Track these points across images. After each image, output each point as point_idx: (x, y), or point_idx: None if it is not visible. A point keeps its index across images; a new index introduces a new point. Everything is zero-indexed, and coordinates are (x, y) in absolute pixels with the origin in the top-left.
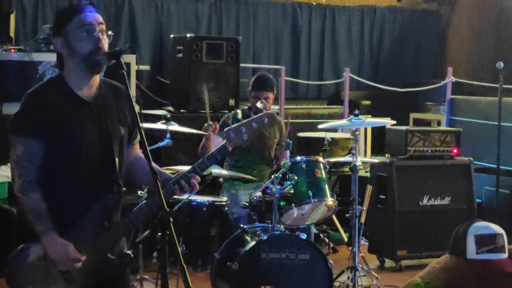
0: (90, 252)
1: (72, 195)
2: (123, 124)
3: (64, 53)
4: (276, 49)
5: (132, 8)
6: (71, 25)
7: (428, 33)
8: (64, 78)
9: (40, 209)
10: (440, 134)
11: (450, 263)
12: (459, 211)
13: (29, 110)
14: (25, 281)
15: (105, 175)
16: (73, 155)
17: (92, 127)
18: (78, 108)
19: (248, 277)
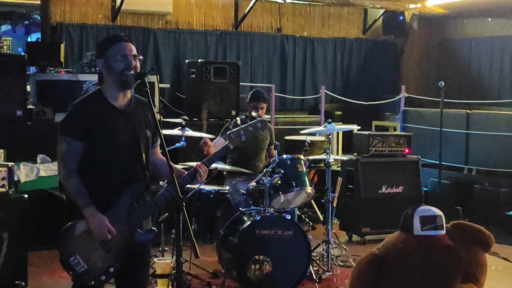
0: (123, 227)
1: (108, 183)
2: (148, 128)
3: (104, 71)
4: (268, 71)
5: (156, 39)
6: (111, 50)
7: (386, 59)
8: (102, 91)
9: (80, 189)
10: (395, 137)
11: (401, 237)
12: (410, 197)
13: (73, 116)
14: (73, 250)
15: (134, 167)
16: (109, 151)
17: (125, 129)
18: (113, 115)
19: (246, 249)
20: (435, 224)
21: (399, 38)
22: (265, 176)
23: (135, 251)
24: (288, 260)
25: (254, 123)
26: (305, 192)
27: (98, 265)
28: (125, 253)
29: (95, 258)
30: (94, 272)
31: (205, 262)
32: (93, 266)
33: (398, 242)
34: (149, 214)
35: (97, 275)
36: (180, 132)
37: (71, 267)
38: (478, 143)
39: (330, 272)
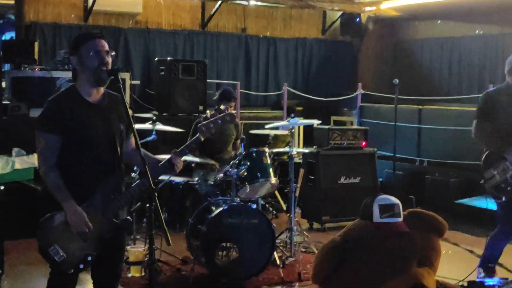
0: (100, 218)
1: (85, 175)
2: (121, 122)
3: (78, 68)
4: (234, 69)
5: (127, 38)
6: (84, 47)
7: (344, 58)
8: (76, 87)
9: (59, 184)
10: (353, 131)
11: (361, 224)
12: (366, 187)
13: (49, 111)
14: (52, 240)
15: (110, 160)
16: (86, 144)
17: (100, 123)
18: (87, 109)
19: (213, 236)
20: (393, 212)
21: (356, 39)
22: (232, 168)
23: (111, 240)
24: (254, 246)
25: (223, 116)
26: (270, 183)
27: (77, 254)
28: (102, 242)
29: (74, 248)
30: (72, 260)
31: (175, 249)
32: (71, 255)
33: (358, 229)
34: (124, 205)
35: (75, 263)
36: (151, 126)
37: (50, 256)
38: (429, 137)
39: (293, 257)
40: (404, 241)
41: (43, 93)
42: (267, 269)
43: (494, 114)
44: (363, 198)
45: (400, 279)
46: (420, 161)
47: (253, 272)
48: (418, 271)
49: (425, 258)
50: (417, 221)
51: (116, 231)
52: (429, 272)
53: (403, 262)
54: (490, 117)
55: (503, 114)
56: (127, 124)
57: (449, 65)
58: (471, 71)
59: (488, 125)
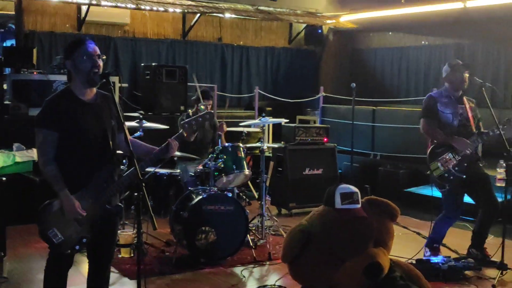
0: (94, 204)
1: (81, 167)
2: (113, 118)
3: (72, 71)
4: (211, 73)
5: (116, 46)
6: (77, 52)
7: (307, 64)
8: (71, 88)
9: (56, 175)
10: (316, 129)
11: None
12: (328, 177)
13: (47, 110)
14: (51, 224)
15: (103, 152)
16: (80, 139)
17: (93, 120)
18: (82, 108)
19: (194, 222)
20: (352, 199)
21: (318, 48)
22: (210, 160)
23: (104, 224)
24: (229, 230)
25: (203, 114)
26: (244, 174)
27: (73, 237)
28: (96, 226)
29: (70, 231)
30: (69, 242)
31: (159, 233)
32: (68, 238)
33: (322, 214)
34: (116, 192)
35: (72, 245)
36: (138, 124)
37: (49, 238)
38: (381, 134)
39: (264, 239)
40: (362, 224)
41: (41, 95)
42: (241, 250)
43: (435, 113)
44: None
45: (359, 258)
46: (374, 155)
47: (229, 253)
48: (374, 251)
49: (380, 240)
50: (373, 207)
51: (108, 216)
52: (384, 252)
53: (361, 243)
54: (434, 115)
55: (442, 113)
56: (118, 120)
57: (399, 71)
58: (417, 77)
59: (434, 122)
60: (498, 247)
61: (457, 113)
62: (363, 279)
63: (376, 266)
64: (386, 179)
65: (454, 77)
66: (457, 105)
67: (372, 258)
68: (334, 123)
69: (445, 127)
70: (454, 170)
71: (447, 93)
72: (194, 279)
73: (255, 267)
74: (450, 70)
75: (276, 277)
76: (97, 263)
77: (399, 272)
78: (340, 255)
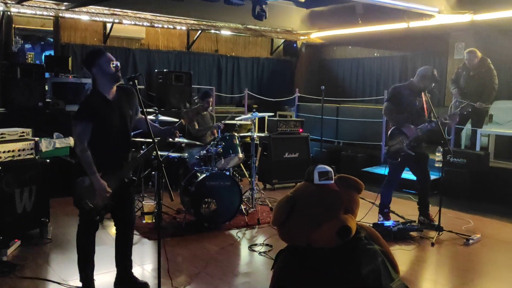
0: (115, 178)
1: (108, 151)
2: (130, 108)
3: (98, 74)
4: (209, 78)
5: (134, 56)
6: (101, 59)
7: (286, 71)
8: (99, 89)
9: (90, 161)
10: (293, 122)
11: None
12: (302, 160)
13: (84, 107)
14: (83, 196)
15: (123, 140)
16: (108, 130)
17: (117, 114)
18: (109, 104)
19: (199, 194)
20: (327, 176)
21: (293, 58)
22: (212, 147)
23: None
24: (227, 201)
25: (197, 107)
26: (238, 157)
27: (99, 204)
28: (117, 194)
29: (97, 200)
30: (97, 209)
31: (172, 204)
32: (96, 206)
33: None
34: (131, 168)
35: (99, 211)
36: (154, 117)
37: (82, 206)
38: (344, 126)
39: (254, 208)
40: (335, 196)
41: (75, 94)
42: (236, 216)
43: (398, 99)
44: (300, 167)
45: (332, 222)
46: (338, 142)
47: (226, 218)
48: (344, 216)
49: (349, 208)
50: (344, 182)
51: (126, 186)
52: (352, 218)
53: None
54: (395, 102)
55: (405, 102)
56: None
57: (356, 77)
58: (371, 82)
59: (393, 107)
60: (435, 214)
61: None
62: (336, 238)
63: (346, 229)
64: (347, 161)
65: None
66: (416, 96)
67: (342, 222)
68: (307, 117)
69: (406, 110)
70: (406, 147)
71: (410, 85)
72: (200, 239)
73: (247, 230)
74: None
75: (264, 237)
76: (121, 225)
77: (363, 233)
78: (318, 220)
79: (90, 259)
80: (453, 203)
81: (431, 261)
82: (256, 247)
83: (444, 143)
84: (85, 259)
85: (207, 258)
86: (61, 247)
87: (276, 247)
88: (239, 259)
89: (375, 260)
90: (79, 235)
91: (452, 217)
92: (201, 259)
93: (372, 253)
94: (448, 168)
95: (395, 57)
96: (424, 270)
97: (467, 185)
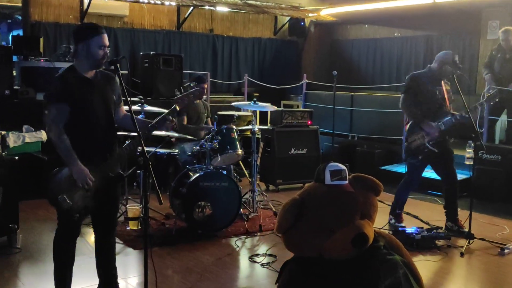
0: (98, 173)
1: (87, 137)
2: (113, 93)
3: (82, 53)
4: (203, 61)
5: (116, 36)
6: (94, 39)
7: (291, 54)
8: (75, 67)
9: (68, 146)
10: (301, 112)
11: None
12: (311, 157)
13: (58, 86)
14: (60, 190)
15: (106, 126)
16: (88, 113)
17: (97, 95)
18: (86, 84)
19: (192, 197)
20: (340, 176)
21: (301, 39)
22: (206, 141)
23: (107, 192)
24: (224, 205)
25: (193, 91)
26: (236, 153)
27: (80, 203)
28: (100, 192)
29: (77, 197)
30: (76, 207)
31: (160, 207)
32: (75, 203)
33: (313, 190)
34: (118, 162)
35: (79, 210)
36: (140, 108)
37: (59, 203)
38: (359, 117)
39: (255, 213)
40: (349, 199)
41: (47, 80)
42: (235, 222)
43: (416, 91)
44: (309, 166)
45: (347, 229)
46: (352, 136)
47: (223, 225)
48: (360, 222)
49: (366, 213)
50: (359, 183)
51: (110, 183)
52: (369, 223)
53: (348, 216)
54: (413, 92)
55: (423, 91)
56: (119, 94)
57: (374, 61)
58: (390, 65)
59: (410, 98)
60: (465, 219)
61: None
62: (351, 248)
63: (362, 236)
64: (363, 158)
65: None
66: (436, 86)
67: (358, 229)
68: (316, 108)
69: (426, 102)
70: (428, 144)
71: (430, 73)
72: (192, 248)
73: (248, 237)
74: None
75: (267, 246)
76: (103, 229)
77: (382, 241)
78: (330, 226)
79: (69, 269)
80: (485, 207)
81: (460, 273)
82: (257, 258)
83: (476, 137)
84: (63, 270)
85: (201, 270)
86: (32, 257)
87: (280, 258)
88: (238, 272)
89: (396, 272)
90: (56, 241)
91: (485, 222)
92: (194, 271)
93: (393, 264)
94: (480, 166)
95: (418, 38)
96: (452, 284)
97: (502, 186)
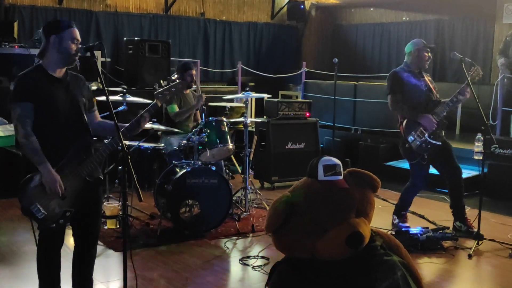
0: (74, 177)
1: (56, 140)
2: (83, 96)
3: (53, 48)
4: (194, 48)
5: (98, 20)
6: (66, 33)
7: (290, 40)
8: (43, 65)
9: (37, 147)
10: (298, 103)
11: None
12: (309, 152)
13: (21, 84)
14: (33, 199)
15: (77, 126)
16: (54, 113)
17: (65, 95)
18: (54, 83)
19: (178, 195)
20: (335, 171)
21: (300, 23)
22: (194, 134)
23: (87, 197)
24: (213, 203)
25: (175, 84)
26: (227, 148)
27: (56, 211)
28: (79, 199)
29: (53, 205)
30: (53, 217)
31: (144, 207)
32: (51, 212)
33: (305, 186)
34: (97, 164)
35: (56, 219)
36: (122, 98)
37: (33, 214)
38: (362, 109)
39: (247, 212)
40: (344, 195)
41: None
42: (225, 222)
43: (402, 87)
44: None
45: (341, 227)
46: (355, 130)
47: (213, 225)
48: (356, 221)
49: (362, 210)
50: (355, 178)
51: (91, 189)
52: (365, 222)
53: (343, 213)
54: (399, 90)
55: (408, 86)
56: (90, 98)
57: (380, 47)
58: (398, 52)
59: (399, 97)
60: (474, 218)
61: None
62: (345, 248)
63: (357, 235)
64: (366, 154)
65: (419, 55)
66: (419, 78)
67: (354, 228)
68: (316, 98)
69: (414, 98)
70: (430, 138)
71: (408, 68)
72: (179, 250)
73: (239, 239)
74: (415, 48)
75: (259, 248)
76: (84, 238)
77: (380, 241)
78: (323, 225)
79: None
80: (496, 206)
81: (468, 276)
82: (249, 260)
83: (486, 130)
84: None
85: (188, 274)
86: (6, 260)
87: (273, 260)
88: (228, 275)
89: (394, 274)
90: (39, 255)
91: (496, 222)
92: (180, 275)
93: (390, 265)
94: (491, 161)
95: (428, 22)
96: (459, 287)
97: None
